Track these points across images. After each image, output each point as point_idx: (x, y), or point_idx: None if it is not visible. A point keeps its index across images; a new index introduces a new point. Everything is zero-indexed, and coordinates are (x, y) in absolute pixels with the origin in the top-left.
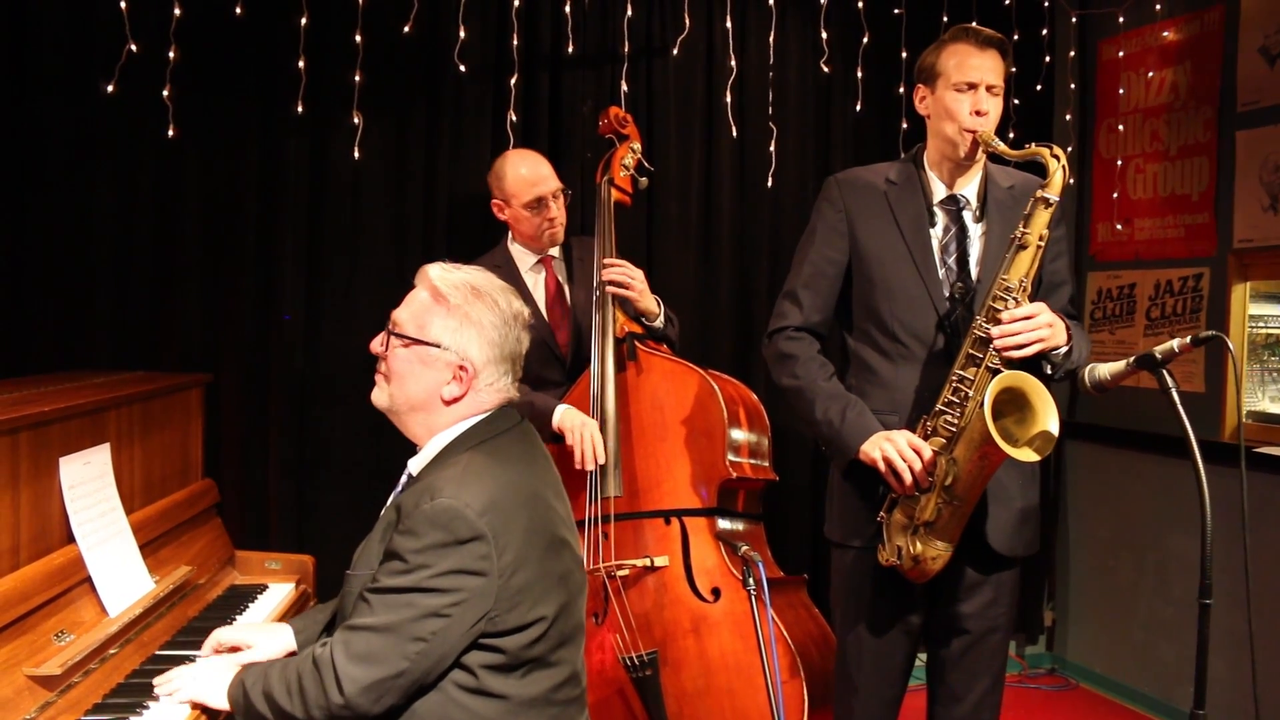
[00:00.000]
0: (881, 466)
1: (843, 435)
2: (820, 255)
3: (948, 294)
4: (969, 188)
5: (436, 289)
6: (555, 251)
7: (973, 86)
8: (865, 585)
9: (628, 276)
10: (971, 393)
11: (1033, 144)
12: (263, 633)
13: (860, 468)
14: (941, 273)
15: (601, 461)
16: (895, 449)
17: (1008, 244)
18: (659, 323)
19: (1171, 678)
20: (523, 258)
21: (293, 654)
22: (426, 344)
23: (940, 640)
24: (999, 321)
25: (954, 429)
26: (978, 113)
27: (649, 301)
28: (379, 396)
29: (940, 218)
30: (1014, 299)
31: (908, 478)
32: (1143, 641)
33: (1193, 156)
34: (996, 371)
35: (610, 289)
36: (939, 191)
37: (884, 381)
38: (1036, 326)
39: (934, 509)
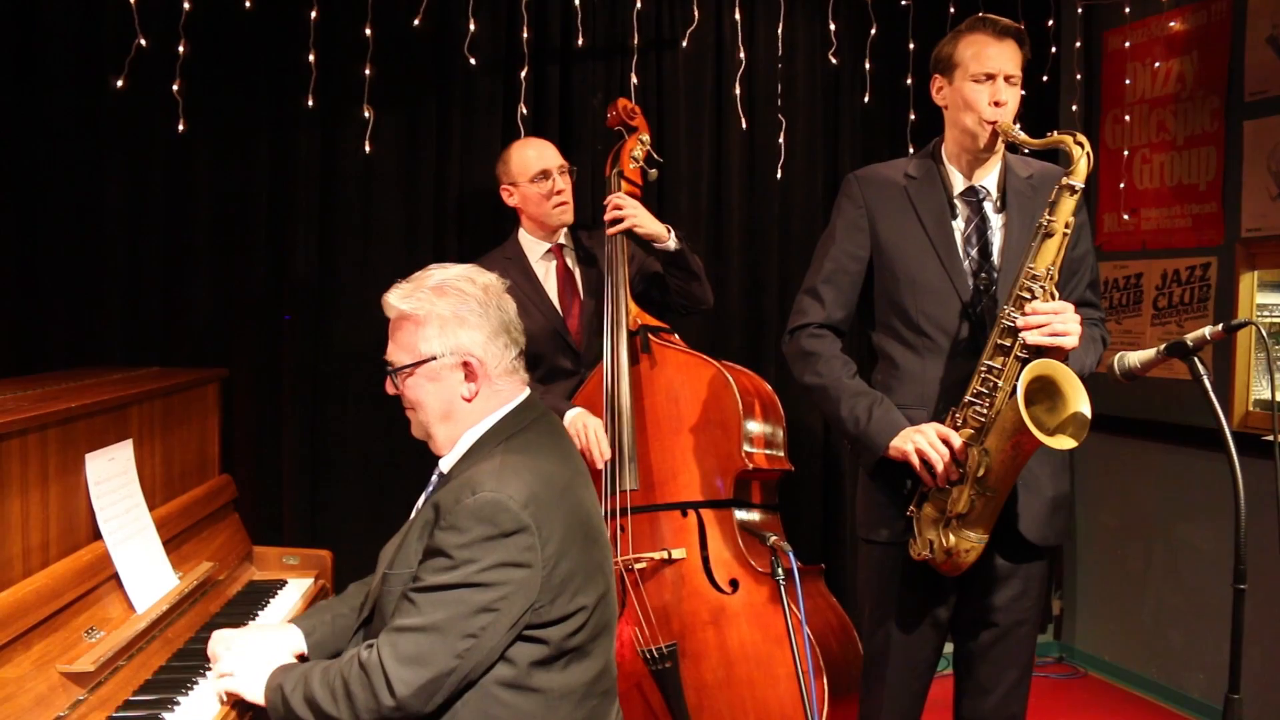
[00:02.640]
0: (915, 460)
1: (870, 433)
2: (842, 251)
3: (971, 285)
4: (988, 178)
5: (402, 312)
6: (564, 239)
7: (991, 77)
8: (894, 579)
9: (617, 210)
10: (1001, 382)
11: (1054, 132)
12: (269, 634)
13: (886, 461)
14: (966, 265)
15: (607, 457)
16: (926, 440)
17: (1034, 233)
18: (671, 244)
19: (1180, 665)
20: (532, 248)
21: (301, 656)
22: (423, 362)
23: (969, 632)
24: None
25: (984, 419)
26: (996, 103)
27: (653, 226)
28: (416, 430)
29: (961, 210)
30: (1041, 287)
31: (940, 468)
32: (1151, 629)
33: (1200, 146)
34: (1025, 361)
35: (613, 229)
36: (959, 184)
37: (911, 375)
38: (1064, 321)
39: (967, 500)
